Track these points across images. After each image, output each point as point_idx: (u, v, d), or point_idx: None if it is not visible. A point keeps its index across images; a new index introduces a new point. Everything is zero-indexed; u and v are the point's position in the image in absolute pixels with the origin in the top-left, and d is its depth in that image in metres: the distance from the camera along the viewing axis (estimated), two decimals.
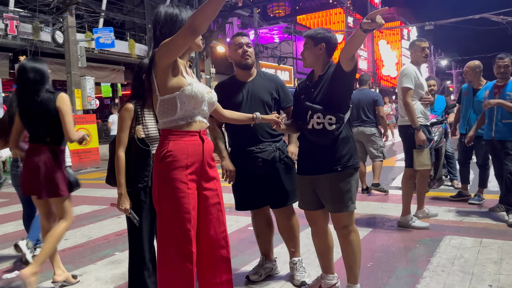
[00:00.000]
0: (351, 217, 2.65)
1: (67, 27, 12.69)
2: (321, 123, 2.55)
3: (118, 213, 5.63)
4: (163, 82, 2.01)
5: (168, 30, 2.03)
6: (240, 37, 2.96)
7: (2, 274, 3.55)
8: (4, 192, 8.48)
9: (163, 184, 2.01)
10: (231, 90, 3.00)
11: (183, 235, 1.99)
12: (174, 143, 2.02)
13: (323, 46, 2.62)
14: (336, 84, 2.54)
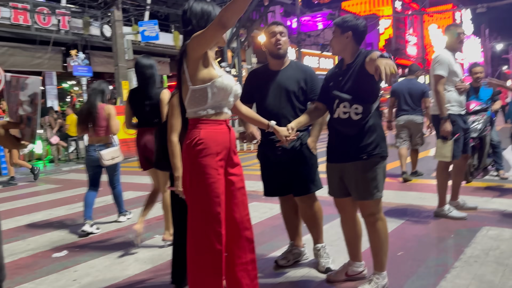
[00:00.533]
0: (378, 205, 2.66)
1: (114, 21, 13.20)
2: (347, 112, 2.56)
3: (159, 199, 5.89)
4: (194, 72, 2.12)
5: (204, 23, 2.13)
6: (274, 26, 3.00)
7: (52, 253, 3.85)
8: (58, 178, 9.09)
9: (195, 170, 2.13)
10: (262, 78, 3.06)
11: (214, 217, 2.11)
12: (205, 132, 2.13)
13: (349, 34, 2.61)
14: (363, 75, 2.54)
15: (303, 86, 2.99)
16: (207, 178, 2.10)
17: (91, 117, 4.51)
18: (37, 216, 5.39)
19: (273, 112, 2.92)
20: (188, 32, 2.17)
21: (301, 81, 2.99)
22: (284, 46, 2.97)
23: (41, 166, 11.18)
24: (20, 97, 1.45)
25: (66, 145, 12.03)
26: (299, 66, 3.12)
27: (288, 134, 2.60)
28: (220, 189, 2.13)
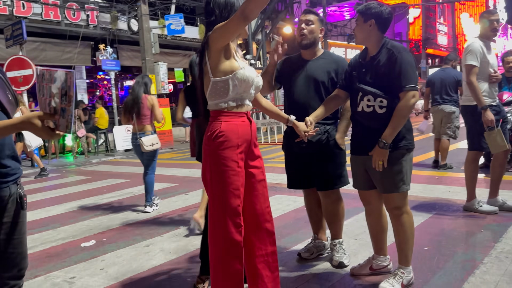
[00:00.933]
0: (404, 199, 2.60)
1: (141, 15, 13.37)
2: (371, 106, 2.49)
3: (186, 190, 5.98)
4: (216, 64, 2.11)
5: (227, 14, 2.11)
6: (303, 15, 2.94)
7: (81, 242, 3.96)
8: (87, 170, 9.33)
9: (215, 163, 2.12)
10: (292, 66, 3.02)
11: (233, 210, 2.10)
12: (226, 124, 2.12)
13: (372, 22, 2.52)
14: (388, 69, 2.47)
15: (334, 77, 2.90)
16: (227, 170, 2.10)
17: (136, 107, 4.89)
18: (67, 207, 5.55)
19: (301, 102, 2.89)
20: (210, 23, 2.15)
21: (331, 72, 2.91)
22: (308, 36, 2.89)
23: (72, 158, 11.52)
24: (52, 89, 1.49)
25: (95, 138, 12.34)
26: (332, 56, 3.03)
27: (307, 129, 2.55)
28: (239, 182, 2.13)
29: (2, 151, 1.57)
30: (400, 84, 2.44)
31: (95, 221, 4.72)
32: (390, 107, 2.46)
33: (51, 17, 12.76)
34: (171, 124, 13.42)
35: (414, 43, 31.06)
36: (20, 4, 11.97)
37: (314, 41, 2.94)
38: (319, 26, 2.93)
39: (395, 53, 2.47)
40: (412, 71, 2.47)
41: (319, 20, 2.95)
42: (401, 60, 2.44)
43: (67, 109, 1.46)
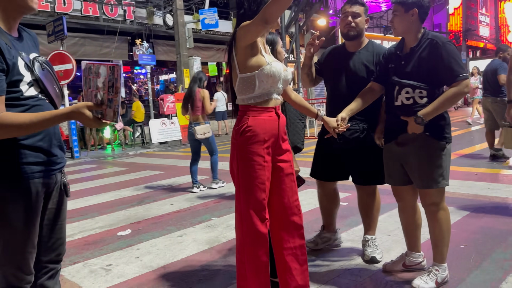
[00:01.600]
0: (441, 194, 2.53)
1: (176, 10, 13.55)
2: (410, 97, 2.44)
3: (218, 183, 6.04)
4: (242, 60, 2.12)
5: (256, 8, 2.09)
6: (348, 6, 2.86)
7: (117, 231, 4.10)
8: (124, 161, 9.60)
9: (242, 157, 2.15)
10: (336, 58, 2.98)
11: (258, 203, 2.13)
12: (253, 119, 2.14)
13: (415, 12, 2.44)
14: (432, 61, 2.39)
15: (373, 69, 2.83)
16: (253, 164, 2.12)
17: (190, 99, 5.65)
18: (104, 197, 5.74)
19: (341, 96, 2.86)
20: (240, 16, 2.17)
21: (371, 65, 2.84)
22: (357, 28, 2.83)
23: (109, 150, 11.88)
24: (98, 83, 1.57)
25: (132, 130, 12.67)
26: (375, 47, 2.92)
27: (336, 126, 2.52)
28: (265, 176, 2.14)
29: (52, 140, 1.65)
30: (452, 75, 2.36)
31: (131, 211, 4.87)
32: (432, 98, 2.40)
33: (90, 13, 13.15)
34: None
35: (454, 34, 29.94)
36: (61, 1, 12.39)
37: (361, 33, 2.87)
38: (365, 17, 2.87)
39: (439, 43, 2.39)
40: (460, 60, 2.40)
41: (365, 10, 2.88)
42: (447, 51, 2.37)
43: (114, 99, 1.54)
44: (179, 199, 5.31)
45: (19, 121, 1.45)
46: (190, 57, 14.01)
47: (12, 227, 1.54)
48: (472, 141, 8.77)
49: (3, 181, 1.51)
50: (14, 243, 1.56)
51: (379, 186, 3.01)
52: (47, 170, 1.61)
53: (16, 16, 1.59)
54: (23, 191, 1.54)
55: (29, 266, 1.62)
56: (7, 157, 1.51)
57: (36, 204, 1.59)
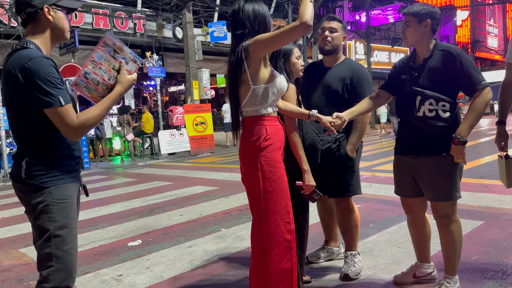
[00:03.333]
0: (453, 207, 2.52)
1: (185, 23, 13.75)
2: (433, 110, 2.40)
3: (227, 194, 6.07)
4: (256, 72, 2.17)
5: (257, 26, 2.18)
6: (326, 22, 2.92)
7: (128, 242, 4.13)
8: (134, 172, 9.67)
9: (266, 165, 2.18)
10: (313, 73, 3.01)
11: (284, 209, 2.19)
12: (270, 127, 2.21)
13: (428, 23, 2.44)
14: (446, 72, 2.39)
15: (348, 84, 2.86)
16: (277, 171, 2.18)
17: None
18: (114, 207, 5.79)
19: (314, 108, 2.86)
20: (241, 35, 2.20)
21: (346, 79, 2.86)
22: (333, 42, 2.87)
23: (119, 161, 11.97)
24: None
25: (141, 142, 12.78)
26: (350, 64, 2.97)
27: (332, 120, 2.50)
28: (286, 182, 2.22)
29: (78, 144, 1.89)
30: (473, 84, 2.36)
31: (141, 221, 4.90)
32: (453, 110, 2.40)
33: (101, 26, 13.39)
34: (212, 129, 13.68)
35: (463, 46, 29.93)
36: (73, 14, 12.62)
37: (337, 48, 2.92)
38: (342, 33, 2.92)
39: (453, 54, 2.39)
40: (477, 67, 2.41)
41: (342, 27, 2.94)
42: (462, 61, 2.37)
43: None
44: (188, 210, 5.34)
45: (95, 114, 1.75)
46: (199, 69, 14.17)
47: (69, 227, 1.76)
48: (481, 153, 8.71)
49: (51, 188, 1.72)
50: (72, 242, 1.77)
51: (388, 198, 3.01)
52: (78, 175, 1.88)
53: (54, 44, 1.89)
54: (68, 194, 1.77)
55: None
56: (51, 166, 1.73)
57: (77, 203, 1.88)
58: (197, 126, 13.08)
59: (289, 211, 2.20)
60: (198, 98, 14.14)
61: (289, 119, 2.48)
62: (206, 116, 13.36)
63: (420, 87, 2.45)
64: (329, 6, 19.00)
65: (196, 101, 14.02)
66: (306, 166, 2.45)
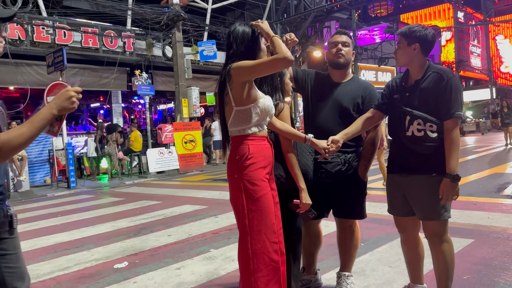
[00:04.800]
0: (444, 226, 2.50)
1: (175, 42, 13.81)
2: (422, 130, 2.42)
3: (216, 213, 5.99)
4: (238, 94, 2.19)
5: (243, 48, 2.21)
6: (338, 36, 2.87)
7: (114, 264, 4.02)
8: (121, 191, 9.53)
9: (248, 184, 2.16)
10: (320, 84, 2.93)
11: (270, 228, 2.14)
12: (253, 147, 2.20)
13: (417, 46, 2.45)
14: (436, 94, 2.40)
15: (360, 104, 2.81)
16: (260, 190, 2.15)
17: None
18: (101, 228, 5.67)
19: (323, 127, 2.80)
20: (229, 56, 2.24)
21: (358, 98, 2.81)
22: (346, 56, 2.82)
23: (106, 180, 11.81)
24: None
25: (129, 160, 12.64)
26: (360, 82, 2.92)
27: (327, 147, 2.50)
28: (271, 201, 2.19)
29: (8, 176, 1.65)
30: (450, 111, 2.37)
31: (127, 242, 4.79)
32: (441, 131, 2.40)
33: (90, 44, 13.36)
34: (202, 146, 13.62)
35: (447, 65, 30.54)
36: (62, 33, 12.61)
37: (349, 63, 2.87)
38: (351, 49, 2.89)
39: (444, 77, 2.40)
40: (461, 97, 2.43)
41: (352, 43, 2.91)
42: (451, 85, 2.38)
43: None
44: (176, 230, 5.24)
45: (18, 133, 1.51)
46: (188, 87, 14.18)
47: None
48: (469, 170, 8.79)
49: None
50: None
51: (379, 217, 2.99)
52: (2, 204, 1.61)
53: None
54: None
55: None
56: None
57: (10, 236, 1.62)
58: (186, 144, 13.01)
59: (275, 230, 2.16)
60: (187, 116, 14.11)
61: (285, 139, 2.49)
62: (195, 134, 13.31)
63: (410, 107, 2.47)
64: (317, 27, 19.28)
65: (186, 119, 13.98)
66: (302, 185, 2.45)
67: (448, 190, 2.37)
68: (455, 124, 2.37)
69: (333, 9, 16.92)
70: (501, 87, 37.50)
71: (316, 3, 16.29)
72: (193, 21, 14.95)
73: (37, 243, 5.01)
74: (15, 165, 9.94)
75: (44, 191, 10.26)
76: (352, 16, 21.02)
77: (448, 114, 2.38)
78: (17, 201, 8.94)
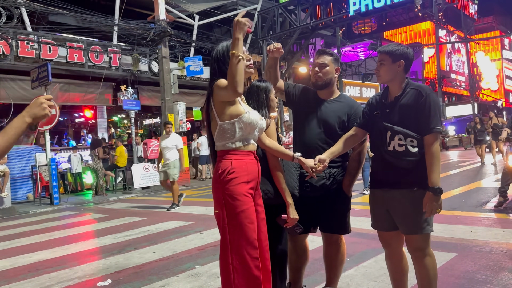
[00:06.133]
0: (427, 240, 2.53)
1: (161, 57, 13.83)
2: (403, 145, 2.46)
3: (202, 229, 5.95)
4: (221, 110, 2.24)
5: (217, 66, 2.30)
6: (317, 56, 2.91)
7: (97, 281, 3.95)
8: (105, 208, 9.39)
9: (229, 198, 2.17)
10: (309, 99, 2.96)
11: (250, 243, 2.14)
12: (236, 161, 2.23)
13: (402, 63, 2.52)
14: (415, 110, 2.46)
15: (345, 121, 2.84)
16: (241, 204, 2.16)
17: None
18: (84, 245, 5.57)
19: (309, 143, 2.84)
20: (211, 76, 2.33)
21: (343, 116, 2.84)
22: (323, 78, 2.85)
23: (90, 196, 11.64)
24: None
25: (114, 176, 12.50)
26: (347, 100, 2.95)
27: (314, 166, 2.53)
28: (253, 216, 2.19)
29: None
30: (429, 126, 2.42)
31: (111, 260, 4.72)
32: (421, 146, 2.45)
33: (75, 59, 13.28)
34: (188, 161, 13.54)
35: (430, 81, 31.16)
36: (47, 48, 12.53)
37: (330, 82, 2.88)
38: (334, 66, 2.89)
39: (423, 94, 2.46)
40: (439, 112, 2.49)
41: (333, 60, 2.89)
42: (429, 101, 2.44)
43: None
44: (161, 246, 5.18)
45: None
46: (174, 102, 14.16)
47: None
48: (452, 184, 8.92)
49: None
50: None
51: (363, 231, 3.01)
52: None
53: None
54: None
55: None
56: None
57: None
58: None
59: (256, 245, 2.16)
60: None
61: (272, 155, 2.52)
62: None
63: (391, 123, 2.52)
64: (302, 43, 19.56)
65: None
66: (290, 200, 2.49)
67: (431, 203, 2.41)
68: (435, 139, 2.43)
69: (317, 27, 17.22)
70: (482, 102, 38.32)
71: (301, 20, 16.57)
72: (179, 37, 15.03)
73: (18, 261, 4.90)
74: None
75: (26, 207, 10.06)
76: (337, 33, 21.39)
77: (428, 129, 2.43)
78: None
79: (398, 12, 23.08)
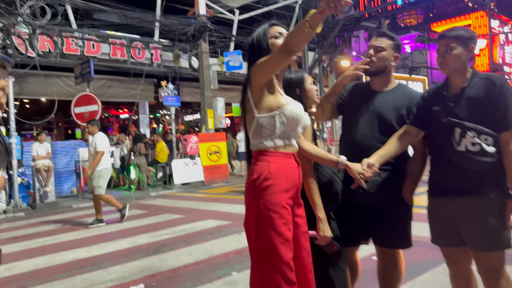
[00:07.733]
0: (502, 259, 2.13)
1: (201, 53, 13.73)
2: (476, 143, 2.05)
3: (239, 229, 5.69)
4: (259, 100, 1.92)
5: (258, 51, 2.00)
6: (375, 38, 2.48)
7: (129, 286, 3.77)
8: (145, 204, 9.37)
9: (263, 210, 1.85)
10: (358, 95, 2.54)
11: (286, 264, 1.81)
12: (275, 165, 1.89)
13: (472, 48, 2.15)
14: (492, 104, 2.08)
15: (404, 115, 2.38)
16: (276, 218, 1.83)
17: None
18: (120, 244, 5.45)
19: (360, 143, 2.40)
20: (249, 60, 2.04)
21: (402, 109, 2.39)
22: (377, 63, 2.41)
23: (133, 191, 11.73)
24: None
25: (155, 171, 12.55)
26: (406, 90, 2.50)
27: (362, 171, 2.11)
28: (290, 232, 1.85)
29: None
30: (506, 121, 2.05)
31: (146, 261, 4.54)
32: (498, 144, 2.06)
33: (118, 56, 13.45)
34: (227, 158, 13.39)
35: None
36: (90, 45, 12.74)
37: (384, 69, 2.43)
38: (392, 53, 2.44)
39: (496, 84, 2.09)
40: None
41: (393, 45, 2.45)
42: (506, 93, 2.07)
43: None
44: (197, 248, 4.96)
45: None
46: (214, 98, 14.04)
47: None
48: None
49: None
50: None
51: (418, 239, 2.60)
52: None
53: None
54: None
55: None
56: None
57: None
58: (211, 155, 12.81)
59: (292, 267, 1.81)
60: (213, 127, 13.94)
61: (304, 159, 2.12)
62: (220, 145, 13.10)
63: (458, 119, 2.11)
64: (345, 36, 18.88)
65: (211, 130, 13.82)
66: (321, 214, 2.10)
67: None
68: None
69: (362, 18, 16.54)
70: None
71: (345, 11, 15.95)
72: (219, 31, 14.88)
73: (54, 260, 4.83)
74: (41, 176, 9.99)
75: (69, 202, 10.23)
76: (382, 25, 20.52)
77: (505, 124, 2.05)
78: (42, 212, 8.92)
79: (447, 2, 21.89)
